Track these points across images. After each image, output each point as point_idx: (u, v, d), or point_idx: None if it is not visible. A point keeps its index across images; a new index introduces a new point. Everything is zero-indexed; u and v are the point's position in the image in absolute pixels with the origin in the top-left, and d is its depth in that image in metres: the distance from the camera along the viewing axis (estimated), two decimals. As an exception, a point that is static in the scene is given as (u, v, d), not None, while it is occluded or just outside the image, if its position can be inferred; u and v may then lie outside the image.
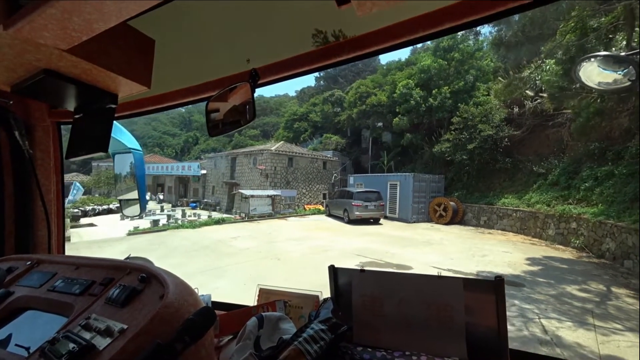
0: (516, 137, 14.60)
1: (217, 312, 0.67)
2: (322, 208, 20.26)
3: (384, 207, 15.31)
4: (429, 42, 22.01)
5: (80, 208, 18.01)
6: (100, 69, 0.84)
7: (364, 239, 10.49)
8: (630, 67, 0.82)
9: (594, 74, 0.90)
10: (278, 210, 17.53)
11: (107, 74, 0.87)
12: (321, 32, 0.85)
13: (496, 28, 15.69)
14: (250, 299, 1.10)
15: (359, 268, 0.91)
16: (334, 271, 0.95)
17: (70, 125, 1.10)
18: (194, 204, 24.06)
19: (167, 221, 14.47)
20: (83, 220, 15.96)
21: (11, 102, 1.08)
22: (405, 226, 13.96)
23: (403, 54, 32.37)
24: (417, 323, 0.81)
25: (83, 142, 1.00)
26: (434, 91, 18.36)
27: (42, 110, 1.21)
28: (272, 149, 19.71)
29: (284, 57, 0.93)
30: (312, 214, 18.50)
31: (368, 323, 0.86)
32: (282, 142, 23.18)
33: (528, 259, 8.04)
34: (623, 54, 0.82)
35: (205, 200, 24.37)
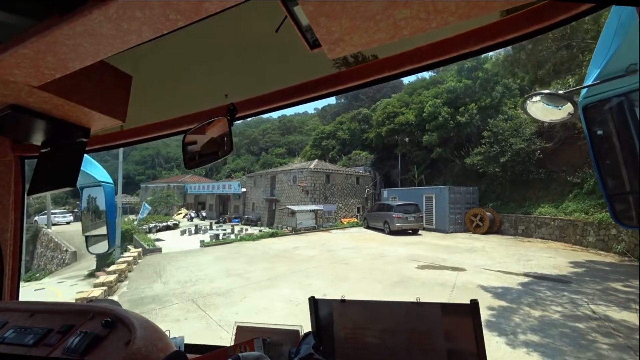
0: (548, 149, 15.32)
1: (189, 356, 0.62)
2: (356, 220, 21.45)
3: (422, 218, 16.30)
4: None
5: (144, 226, 20.31)
6: (73, 104, 0.82)
7: (411, 247, 11.57)
8: (569, 103, 0.95)
9: (539, 109, 1.02)
10: (320, 223, 18.93)
11: (79, 109, 0.84)
12: (297, 70, 0.89)
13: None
14: (341, 292, 1.44)
15: (340, 299, 0.90)
16: (314, 303, 0.92)
17: (35, 160, 1.04)
18: (236, 220, 25.99)
19: (223, 235, 16.23)
20: (150, 236, 18.09)
21: None
22: (444, 236, 14.84)
23: (428, 72, 33.57)
24: (400, 353, 0.80)
25: (49, 176, 0.96)
26: (461, 108, 19.48)
27: (5, 144, 1.15)
28: (311, 167, 21.40)
29: (262, 93, 0.94)
30: (351, 227, 19.70)
31: (351, 356, 0.85)
32: (316, 160, 24.86)
33: (571, 262, 8.82)
34: (561, 92, 0.95)
35: (246, 216, 26.25)
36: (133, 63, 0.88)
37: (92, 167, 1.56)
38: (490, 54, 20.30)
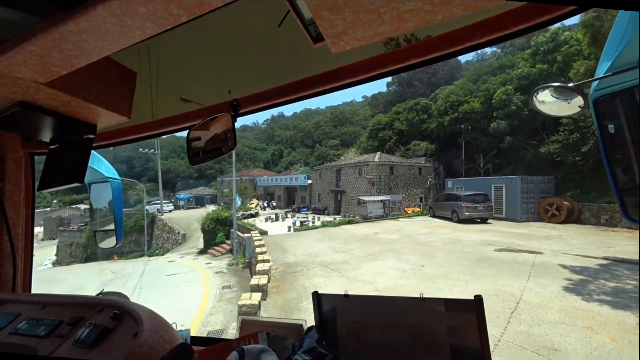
0: (639, 134, 14.47)
1: (195, 347, 0.63)
2: (419, 209, 22.52)
3: (492, 208, 16.83)
4: (525, 46, 22.31)
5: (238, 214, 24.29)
6: (80, 101, 0.84)
7: (484, 234, 12.58)
8: (579, 96, 0.89)
9: (548, 102, 0.96)
10: (387, 212, 20.58)
11: (86, 106, 0.86)
12: (300, 65, 0.90)
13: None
14: (435, 265, 2.82)
15: (343, 293, 0.92)
16: (317, 297, 0.93)
17: (44, 156, 1.07)
18: (304, 209, 28.96)
19: (305, 223, 18.94)
20: (245, 222, 21.81)
21: None
22: (516, 225, 15.31)
23: (494, 57, 31.73)
24: (403, 348, 0.81)
25: (58, 172, 0.99)
26: (535, 94, 18.90)
27: (15, 141, 1.17)
28: (376, 160, 22.97)
29: (265, 88, 0.95)
30: (416, 216, 20.92)
31: (354, 351, 0.86)
32: (379, 153, 26.21)
33: (660, 250, 9.10)
34: (571, 84, 0.89)
35: (313, 205, 29.05)
36: (137, 59, 0.90)
37: (99, 163, 1.56)
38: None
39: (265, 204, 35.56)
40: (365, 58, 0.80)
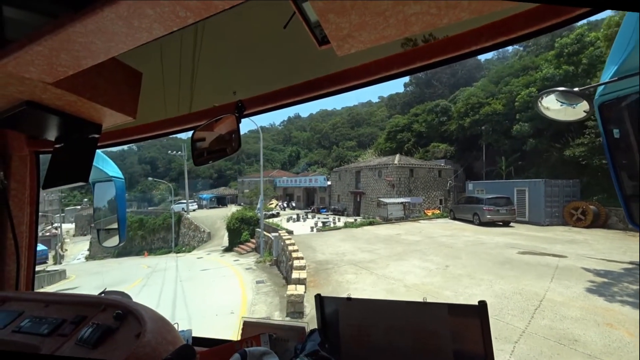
0: (671, 138, 14.14)
1: (197, 348, 0.64)
2: (439, 212, 22.66)
3: (515, 211, 16.84)
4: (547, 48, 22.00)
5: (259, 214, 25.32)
6: (85, 101, 0.84)
7: (506, 237, 12.77)
8: (584, 101, 0.88)
9: (553, 107, 0.95)
10: (407, 214, 20.91)
11: (92, 106, 0.87)
12: (305, 67, 0.91)
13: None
14: (459, 265, 3.33)
15: (346, 297, 0.92)
16: (320, 300, 0.93)
17: (49, 155, 1.07)
18: (324, 210, 29.64)
19: (326, 223, 19.60)
20: (268, 221, 22.75)
21: None
22: (539, 228, 15.30)
23: (516, 58, 31.08)
24: (406, 353, 0.81)
25: (63, 171, 1.00)
26: (559, 97, 18.67)
27: (21, 139, 1.19)
28: (396, 162, 23.34)
29: (270, 90, 0.96)
30: (436, 218, 21.12)
31: (356, 355, 0.86)
32: (398, 155, 26.52)
33: (689, 255, 9.09)
34: (576, 89, 0.88)
35: (332, 206, 29.68)
36: (143, 60, 0.90)
37: (104, 163, 1.58)
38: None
39: (285, 205, 36.50)
40: (371, 60, 0.81)
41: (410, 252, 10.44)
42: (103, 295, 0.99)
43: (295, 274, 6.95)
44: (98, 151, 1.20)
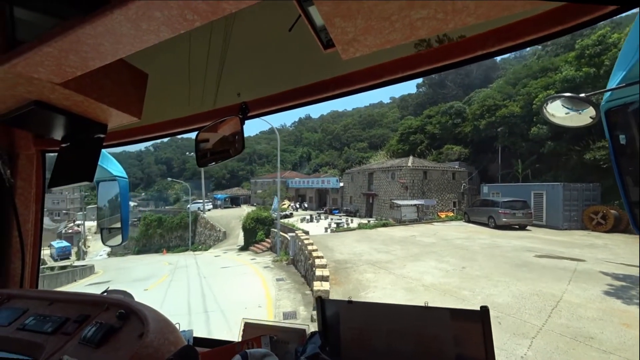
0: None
1: (198, 349, 0.64)
2: (453, 214, 22.62)
3: (531, 215, 16.73)
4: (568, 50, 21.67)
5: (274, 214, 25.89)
6: (92, 101, 0.86)
7: (523, 240, 12.77)
8: (590, 107, 0.87)
9: (559, 112, 0.95)
10: (421, 216, 21.01)
11: (98, 106, 0.89)
12: (310, 69, 0.91)
13: None
14: (476, 268, 3.41)
15: (347, 300, 0.92)
16: (321, 303, 0.93)
17: (55, 154, 1.08)
18: (336, 211, 29.96)
19: (339, 224, 19.94)
20: (282, 221, 23.27)
21: None
22: (557, 232, 15.18)
23: (534, 59, 30.52)
24: (407, 357, 0.81)
25: (68, 171, 1.01)
26: (579, 99, 18.42)
27: (27, 138, 1.20)
28: (409, 164, 23.46)
29: (275, 92, 0.97)
30: (450, 220, 21.11)
31: (357, 358, 0.86)
32: (411, 157, 26.57)
33: None
34: (582, 95, 0.87)
35: (345, 208, 29.96)
36: (149, 61, 0.91)
37: (108, 162, 1.58)
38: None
39: (297, 205, 37.01)
40: (377, 63, 0.81)
41: (426, 253, 10.67)
42: (106, 294, 0.99)
43: (318, 272, 7.35)
44: (103, 150, 1.17)
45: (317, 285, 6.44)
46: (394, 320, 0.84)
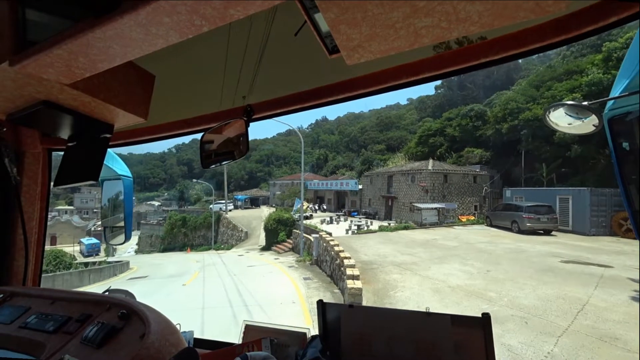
0: None
1: (199, 350, 0.65)
2: (474, 218, 22.50)
3: (557, 220, 16.51)
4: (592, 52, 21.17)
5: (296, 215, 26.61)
6: (100, 102, 0.87)
7: (548, 246, 12.72)
8: (593, 115, 0.86)
9: (562, 120, 0.94)
10: (442, 220, 21.09)
11: (105, 106, 0.90)
12: (315, 73, 0.94)
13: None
14: (501, 271, 3.53)
15: (348, 304, 0.93)
16: (322, 306, 0.93)
17: (61, 152, 1.10)
18: (355, 213, 30.29)
19: (359, 227, 20.35)
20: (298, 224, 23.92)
21: (4, 129, 1.08)
22: (584, 238, 14.94)
23: (559, 62, 29.69)
24: None
25: (74, 169, 1.03)
26: (608, 102, 18.00)
27: (34, 137, 1.21)
28: (429, 168, 23.57)
29: (280, 95, 0.99)
30: (471, 224, 21.05)
31: None
32: (431, 160, 26.59)
33: None
34: (585, 103, 0.87)
35: (364, 210, 30.27)
36: (156, 63, 0.92)
37: (113, 161, 1.58)
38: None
39: (316, 207, 37.58)
40: (381, 69, 0.83)
41: (450, 256, 10.96)
42: (107, 293, 1.00)
43: (349, 271, 7.89)
44: (108, 150, 1.18)
45: (350, 283, 6.97)
46: (395, 326, 0.84)
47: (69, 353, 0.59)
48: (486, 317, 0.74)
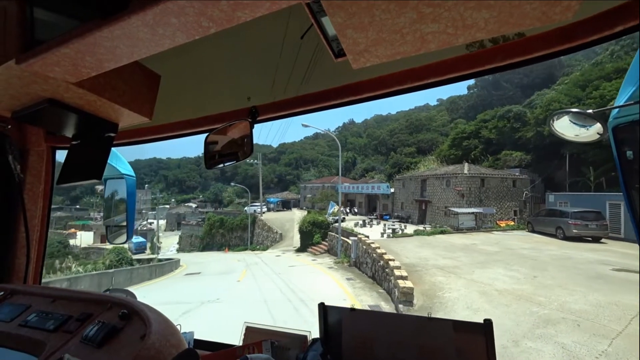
0: None
1: (199, 351, 0.65)
2: (514, 223, 21.84)
3: (607, 227, 15.76)
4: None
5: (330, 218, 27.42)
6: (105, 101, 0.87)
7: (596, 254, 12.24)
8: (598, 123, 0.87)
9: (566, 128, 0.95)
10: (479, 225, 20.81)
11: (110, 106, 0.91)
12: (320, 76, 0.94)
13: None
14: (547, 277, 3.79)
15: (350, 307, 0.93)
16: (323, 309, 0.93)
17: (65, 151, 1.10)
18: (387, 217, 30.46)
19: (394, 231, 20.65)
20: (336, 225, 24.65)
21: (9, 127, 1.08)
22: (637, 246, 14.10)
23: (607, 58, 27.83)
24: None
25: (78, 168, 1.03)
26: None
27: (39, 134, 1.22)
28: (466, 171, 23.32)
29: (284, 97, 1.00)
30: (511, 230, 20.53)
31: None
32: (467, 164, 26.18)
33: None
34: (590, 111, 0.88)
35: (396, 213, 30.36)
36: (162, 63, 0.92)
37: (117, 160, 1.59)
38: None
39: (347, 210, 38.04)
40: (386, 74, 0.84)
41: (492, 261, 11.11)
42: (108, 293, 1.01)
43: (397, 272, 8.50)
44: (112, 149, 1.18)
45: (402, 283, 7.59)
46: (396, 330, 0.84)
47: (69, 352, 0.59)
48: (488, 323, 0.75)
